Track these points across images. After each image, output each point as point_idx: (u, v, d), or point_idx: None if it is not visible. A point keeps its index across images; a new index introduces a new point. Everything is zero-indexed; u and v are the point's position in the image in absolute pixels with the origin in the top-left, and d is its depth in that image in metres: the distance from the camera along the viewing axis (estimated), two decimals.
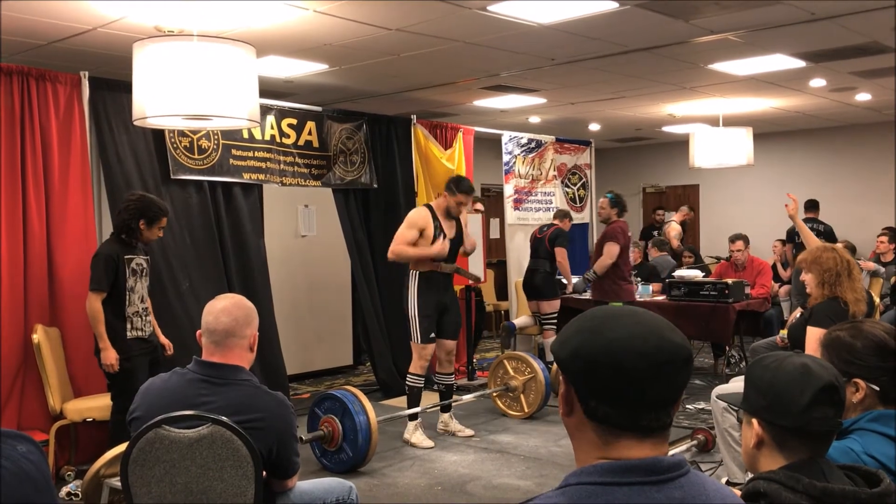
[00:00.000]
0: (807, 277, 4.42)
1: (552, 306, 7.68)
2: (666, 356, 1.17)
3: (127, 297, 4.73)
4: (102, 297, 4.65)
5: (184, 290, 5.77)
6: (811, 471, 1.56)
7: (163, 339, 5.08)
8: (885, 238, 8.93)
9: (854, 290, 4.23)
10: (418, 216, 5.66)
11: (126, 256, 4.73)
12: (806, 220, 8.78)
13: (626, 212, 7.11)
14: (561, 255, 7.67)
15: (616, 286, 6.81)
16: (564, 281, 7.90)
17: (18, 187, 5.04)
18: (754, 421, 1.68)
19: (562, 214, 8.13)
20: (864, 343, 2.10)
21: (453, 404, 6.07)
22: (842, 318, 4.21)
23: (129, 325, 4.74)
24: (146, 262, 4.92)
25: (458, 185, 5.63)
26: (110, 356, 4.62)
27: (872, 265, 8.50)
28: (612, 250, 6.78)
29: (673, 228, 9.98)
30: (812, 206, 9.73)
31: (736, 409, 1.86)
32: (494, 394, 6.59)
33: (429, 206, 5.75)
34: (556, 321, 7.67)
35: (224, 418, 2.42)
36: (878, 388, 2.07)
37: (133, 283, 4.77)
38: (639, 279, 8.42)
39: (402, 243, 5.58)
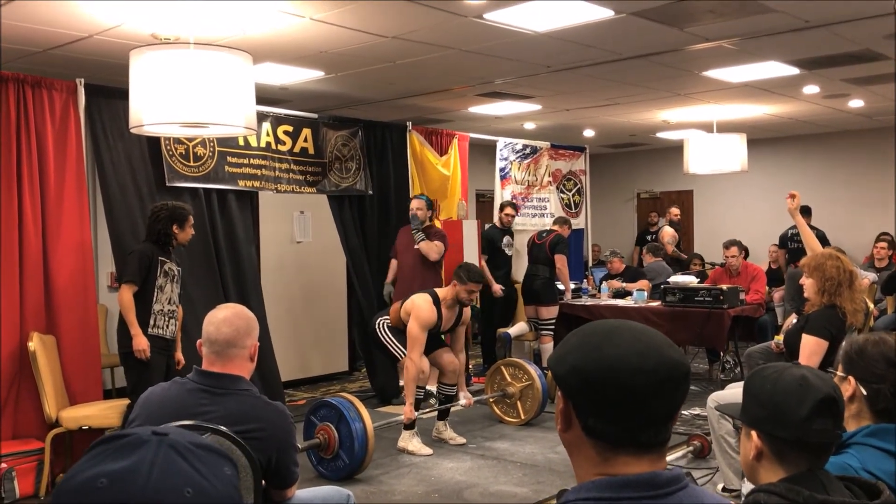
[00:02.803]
0: (806, 283, 4.42)
1: (550, 312, 7.70)
2: (665, 373, 1.17)
3: (155, 294, 4.96)
4: (134, 289, 4.89)
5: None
6: (811, 483, 1.56)
7: (178, 355, 5.21)
8: (884, 244, 8.93)
9: (854, 300, 4.24)
10: (429, 317, 5.56)
11: (160, 258, 4.98)
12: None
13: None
14: (561, 261, 7.72)
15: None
16: (562, 287, 7.92)
17: (14, 194, 5.03)
18: (753, 433, 1.69)
19: (561, 221, 8.16)
20: (876, 349, 2.11)
21: (451, 409, 6.08)
22: (839, 328, 4.22)
23: (151, 321, 4.94)
24: (178, 270, 5.15)
25: (468, 274, 5.57)
26: (141, 342, 4.83)
27: (868, 280, 8.45)
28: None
29: (666, 233, 9.99)
30: (805, 211, 9.75)
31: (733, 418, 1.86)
32: (491, 399, 6.59)
33: (434, 296, 5.66)
34: (553, 327, 7.69)
35: (224, 428, 2.42)
36: (865, 393, 2.09)
37: (163, 283, 4.99)
38: (623, 284, 8.43)
39: (418, 348, 5.55)
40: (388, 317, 5.85)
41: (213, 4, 4.83)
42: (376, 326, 5.86)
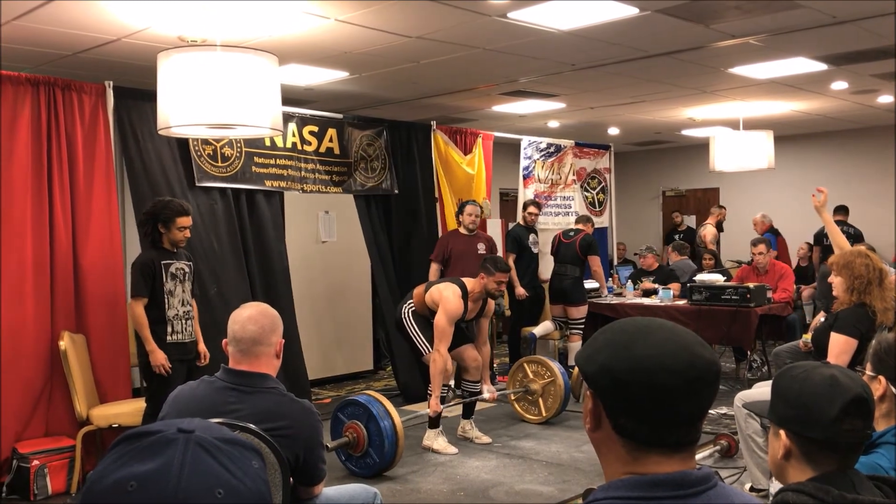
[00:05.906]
0: (835, 281, 4.37)
1: (580, 311, 7.69)
2: (697, 373, 1.16)
3: (166, 300, 4.84)
4: (143, 302, 4.78)
5: (211, 296, 5.82)
6: (841, 482, 1.55)
7: (201, 347, 5.12)
8: None
9: (884, 298, 4.18)
10: (457, 311, 5.56)
11: (164, 262, 4.84)
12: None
13: None
14: (596, 262, 7.75)
15: None
16: (596, 286, 7.92)
17: (45, 196, 5.11)
18: (782, 432, 1.67)
19: (584, 219, 8.15)
20: None
21: (475, 405, 6.08)
22: (868, 326, 4.17)
23: (169, 329, 4.85)
24: (188, 266, 5.01)
25: (494, 265, 5.59)
26: (159, 357, 4.75)
27: None
28: None
29: (710, 232, 9.90)
30: (841, 210, 9.66)
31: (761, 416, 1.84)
32: (513, 396, 6.58)
33: (462, 287, 5.65)
34: (583, 326, 7.68)
35: (252, 426, 2.44)
36: None
37: (172, 287, 4.88)
38: (657, 283, 8.39)
39: (446, 341, 5.55)
40: (412, 301, 5.82)
41: (239, 7, 4.87)
42: (403, 315, 5.84)
